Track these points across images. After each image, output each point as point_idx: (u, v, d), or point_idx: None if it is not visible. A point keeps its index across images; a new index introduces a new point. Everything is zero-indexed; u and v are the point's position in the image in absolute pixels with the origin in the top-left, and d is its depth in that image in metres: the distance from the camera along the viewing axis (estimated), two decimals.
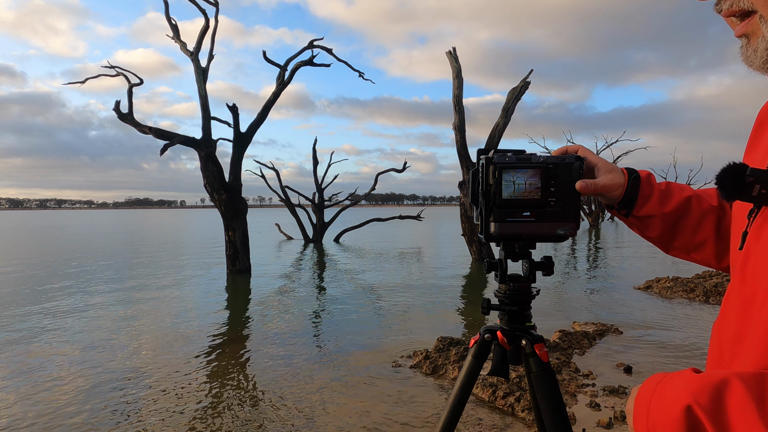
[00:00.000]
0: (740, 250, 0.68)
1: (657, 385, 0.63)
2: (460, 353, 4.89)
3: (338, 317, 7.19)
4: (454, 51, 13.99)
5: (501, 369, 1.12)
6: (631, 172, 0.97)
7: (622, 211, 0.97)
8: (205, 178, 11.22)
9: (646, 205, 0.95)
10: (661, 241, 0.98)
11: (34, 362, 5.13)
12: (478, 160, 1.01)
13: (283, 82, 12.25)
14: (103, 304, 8.21)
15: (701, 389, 0.55)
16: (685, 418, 0.55)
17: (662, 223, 0.95)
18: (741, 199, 0.60)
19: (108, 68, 12.10)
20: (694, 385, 0.57)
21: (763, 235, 0.63)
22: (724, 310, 0.72)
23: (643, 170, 0.98)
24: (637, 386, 0.68)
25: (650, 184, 0.96)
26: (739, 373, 0.55)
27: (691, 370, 0.62)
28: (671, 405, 0.57)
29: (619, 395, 4.05)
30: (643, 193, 0.95)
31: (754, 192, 0.59)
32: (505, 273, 1.07)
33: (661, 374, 0.65)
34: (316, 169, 22.61)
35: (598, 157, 1.00)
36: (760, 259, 0.63)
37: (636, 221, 0.97)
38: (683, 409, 0.55)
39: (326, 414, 3.80)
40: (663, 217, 0.94)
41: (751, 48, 0.61)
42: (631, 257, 15.31)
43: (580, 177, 0.96)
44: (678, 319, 6.86)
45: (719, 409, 0.53)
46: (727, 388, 0.53)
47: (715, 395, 0.54)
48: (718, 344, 0.72)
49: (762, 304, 0.61)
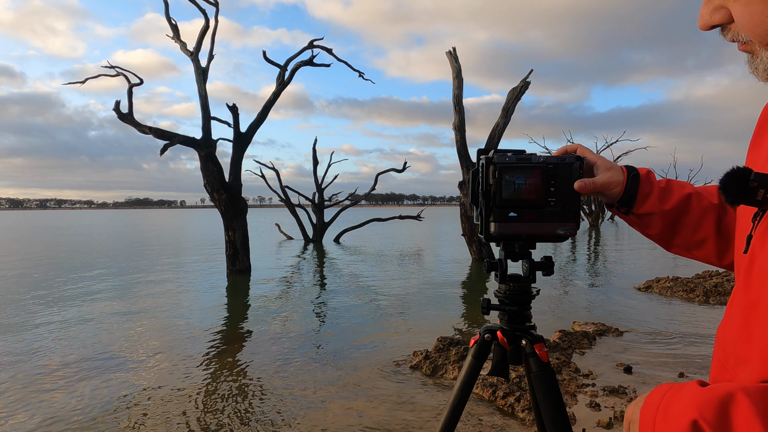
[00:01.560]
0: (745, 253, 0.68)
1: (662, 398, 0.63)
2: (460, 353, 4.89)
3: (338, 317, 7.19)
4: (453, 51, 13.99)
5: (501, 369, 1.12)
6: (630, 170, 0.96)
7: (622, 209, 0.97)
8: (205, 178, 11.22)
9: (645, 203, 0.94)
10: (661, 238, 0.98)
11: (33, 361, 5.13)
12: (478, 160, 1.01)
13: (283, 82, 12.25)
14: (103, 303, 8.20)
15: (707, 403, 0.55)
16: None
17: (662, 221, 0.94)
18: (745, 203, 0.61)
19: (108, 68, 12.11)
20: (699, 398, 0.57)
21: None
22: (729, 314, 0.72)
23: (642, 168, 0.98)
24: (643, 395, 0.68)
25: (650, 181, 0.96)
26: (745, 387, 0.55)
27: (697, 382, 0.62)
28: (677, 419, 0.58)
29: (619, 395, 4.05)
30: (643, 191, 0.94)
31: (759, 196, 0.59)
32: (505, 273, 1.07)
33: (667, 385, 0.65)
34: (316, 169, 22.62)
35: (597, 155, 0.99)
36: (765, 264, 0.62)
37: (636, 219, 0.97)
38: (689, 424, 0.56)
39: (326, 414, 3.80)
40: (663, 214, 0.94)
41: (753, 65, 0.64)
42: (631, 257, 15.30)
43: (580, 177, 0.96)
44: (678, 319, 6.86)
45: (725, 425, 0.53)
46: (732, 403, 0.54)
47: (720, 410, 0.54)
48: (723, 348, 0.72)
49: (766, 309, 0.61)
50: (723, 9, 0.61)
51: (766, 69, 0.61)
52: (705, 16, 0.63)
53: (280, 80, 12.27)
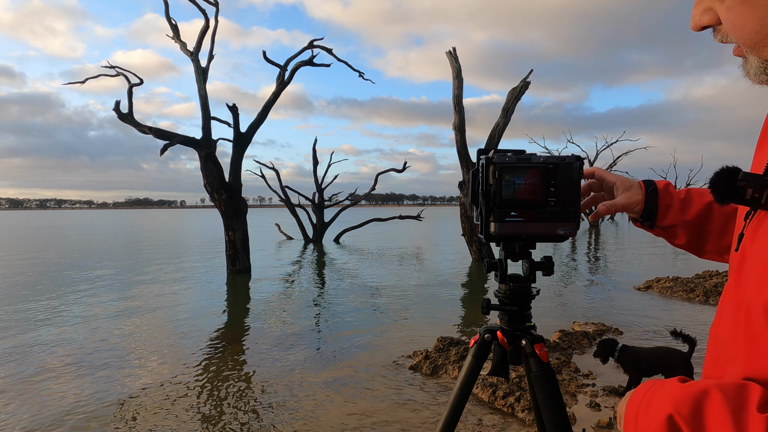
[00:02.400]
0: (736, 251, 0.69)
1: (645, 394, 0.66)
2: (460, 353, 4.89)
3: (338, 317, 7.19)
4: (453, 51, 13.98)
5: (501, 369, 1.12)
6: (648, 185, 0.99)
7: (646, 224, 1.00)
8: (205, 178, 11.22)
9: (667, 216, 0.97)
10: (690, 247, 1.00)
11: (32, 360, 5.13)
12: (478, 160, 1.01)
13: (283, 82, 12.25)
14: (102, 303, 8.20)
15: (683, 399, 0.58)
16: (668, 427, 0.58)
17: (687, 230, 0.97)
18: (735, 202, 0.62)
19: (108, 68, 12.11)
20: (677, 394, 0.60)
21: (758, 237, 0.63)
22: (720, 311, 0.73)
23: (660, 180, 1.00)
24: (630, 391, 0.71)
25: (669, 193, 0.98)
26: (721, 384, 0.58)
27: (678, 379, 0.65)
28: (656, 414, 0.61)
29: (619, 395, 4.05)
30: (663, 204, 0.97)
31: (747, 195, 0.60)
32: (505, 273, 1.07)
33: (651, 382, 0.68)
34: (316, 169, 22.62)
35: (615, 175, 1.02)
36: (753, 262, 0.63)
37: (662, 231, 1.00)
38: (666, 418, 0.58)
39: (326, 414, 3.79)
40: (686, 224, 0.96)
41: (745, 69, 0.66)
42: (631, 257, 15.30)
43: (581, 177, 0.97)
44: (678, 319, 6.86)
45: (698, 419, 0.56)
46: (706, 399, 0.56)
47: (695, 405, 0.57)
48: (715, 346, 0.73)
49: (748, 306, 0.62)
50: (711, 11, 0.62)
51: (756, 73, 0.62)
52: (696, 17, 0.64)
53: (280, 80, 12.27)
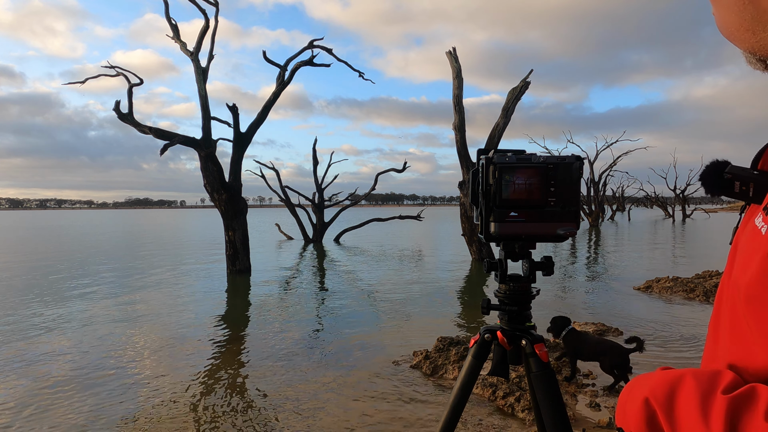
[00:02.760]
0: (730, 244, 0.71)
1: (635, 383, 0.69)
2: (460, 353, 4.89)
3: (338, 317, 7.19)
4: (454, 51, 13.99)
5: (501, 369, 1.12)
6: None
7: None
8: (205, 178, 11.22)
9: None
10: None
11: (31, 360, 5.13)
12: (478, 160, 1.01)
13: (283, 82, 12.25)
14: (102, 303, 8.21)
15: (659, 384, 0.62)
16: (644, 409, 0.61)
17: None
18: (725, 195, 0.63)
19: (108, 68, 12.11)
20: (655, 380, 0.63)
21: (747, 230, 0.65)
22: (717, 305, 0.73)
23: None
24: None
25: None
26: (697, 371, 0.61)
27: (662, 368, 0.67)
28: (635, 398, 0.64)
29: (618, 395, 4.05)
30: None
31: (735, 188, 0.62)
32: (505, 273, 1.07)
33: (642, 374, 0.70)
34: (316, 169, 22.63)
35: None
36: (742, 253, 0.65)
37: None
38: (642, 401, 0.62)
39: (326, 414, 3.79)
40: None
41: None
42: (631, 257, 15.30)
43: (580, 177, 0.97)
44: (678, 319, 6.86)
45: (670, 402, 0.59)
46: (679, 384, 0.59)
47: (669, 389, 0.60)
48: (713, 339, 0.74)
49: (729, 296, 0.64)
50: None
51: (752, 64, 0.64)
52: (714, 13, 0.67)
53: (280, 80, 12.28)
